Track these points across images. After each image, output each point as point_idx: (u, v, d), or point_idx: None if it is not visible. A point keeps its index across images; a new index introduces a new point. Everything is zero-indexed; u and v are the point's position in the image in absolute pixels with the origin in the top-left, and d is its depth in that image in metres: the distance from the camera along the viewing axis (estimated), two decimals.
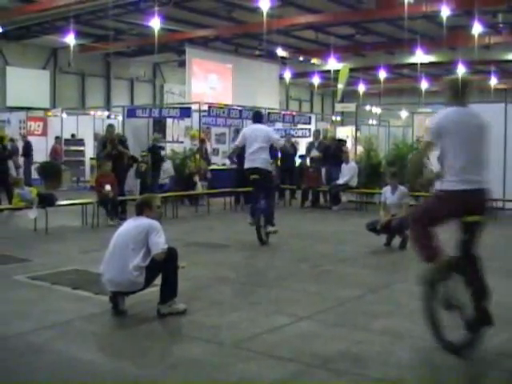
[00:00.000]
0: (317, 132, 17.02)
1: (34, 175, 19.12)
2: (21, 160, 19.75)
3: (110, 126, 13.04)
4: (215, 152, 18.75)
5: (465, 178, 4.30)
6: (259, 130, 9.42)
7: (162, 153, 15.85)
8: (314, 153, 15.83)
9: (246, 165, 9.37)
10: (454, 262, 4.37)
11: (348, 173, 14.58)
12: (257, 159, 9.21)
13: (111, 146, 12.45)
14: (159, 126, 16.98)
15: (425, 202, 5.99)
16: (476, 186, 4.33)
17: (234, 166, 16.42)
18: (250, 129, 9.73)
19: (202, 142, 16.58)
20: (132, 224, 5.45)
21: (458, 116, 4.43)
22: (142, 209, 5.54)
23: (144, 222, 5.38)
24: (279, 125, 19.64)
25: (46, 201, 10.79)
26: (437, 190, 4.51)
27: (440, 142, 4.42)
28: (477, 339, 4.26)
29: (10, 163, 14.16)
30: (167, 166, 15.46)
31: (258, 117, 9.82)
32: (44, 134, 21.53)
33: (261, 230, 9.18)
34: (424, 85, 31.55)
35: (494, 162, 15.19)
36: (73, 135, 20.80)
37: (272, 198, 9.77)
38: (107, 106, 28.77)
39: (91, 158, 20.11)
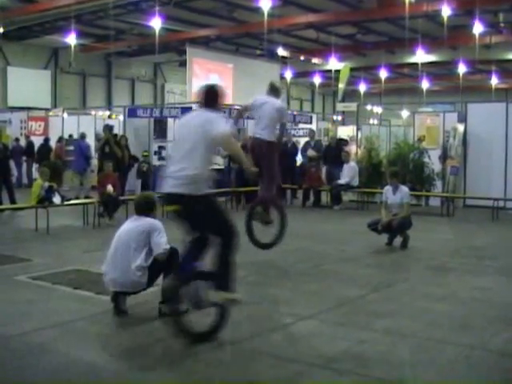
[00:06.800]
0: (312, 132, 17.19)
1: (35, 175, 19.08)
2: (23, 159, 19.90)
3: (106, 127, 14.62)
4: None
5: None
6: None
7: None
8: (311, 152, 15.92)
9: None
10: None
11: (349, 173, 14.57)
12: None
13: (103, 143, 13.87)
14: (160, 125, 16.98)
15: None
16: None
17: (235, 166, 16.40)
18: None
19: None
20: (133, 224, 5.41)
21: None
22: (147, 209, 5.51)
23: (145, 221, 5.36)
24: None
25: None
26: None
27: None
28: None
29: (12, 163, 14.17)
30: None
31: None
32: (45, 133, 21.49)
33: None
34: (425, 84, 31.54)
35: (495, 161, 15.16)
36: (70, 135, 20.63)
37: None
38: (108, 105, 28.77)
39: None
